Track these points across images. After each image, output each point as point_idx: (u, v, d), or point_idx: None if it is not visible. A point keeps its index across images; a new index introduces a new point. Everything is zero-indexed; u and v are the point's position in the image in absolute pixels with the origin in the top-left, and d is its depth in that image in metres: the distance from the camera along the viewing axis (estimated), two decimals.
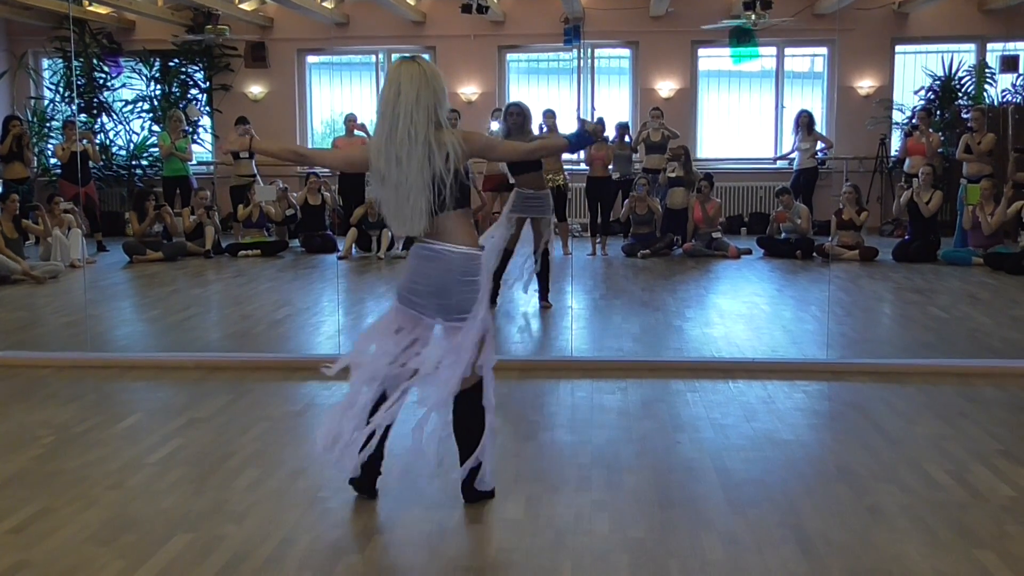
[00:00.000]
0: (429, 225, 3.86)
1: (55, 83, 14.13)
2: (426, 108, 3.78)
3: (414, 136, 3.76)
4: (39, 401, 5.78)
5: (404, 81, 3.79)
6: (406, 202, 3.81)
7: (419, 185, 3.78)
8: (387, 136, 3.81)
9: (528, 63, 14.37)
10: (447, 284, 3.88)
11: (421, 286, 3.92)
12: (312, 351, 7.31)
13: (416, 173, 3.78)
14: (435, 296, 3.90)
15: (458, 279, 3.88)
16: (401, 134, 3.77)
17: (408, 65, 3.83)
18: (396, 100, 3.78)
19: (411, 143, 3.76)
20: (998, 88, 13.59)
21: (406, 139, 3.76)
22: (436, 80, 3.82)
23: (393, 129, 3.78)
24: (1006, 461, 4.63)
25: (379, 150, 3.84)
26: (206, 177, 13.83)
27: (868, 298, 9.36)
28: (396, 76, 3.82)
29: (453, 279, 3.87)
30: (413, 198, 3.80)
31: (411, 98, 3.76)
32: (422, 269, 3.92)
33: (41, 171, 13.32)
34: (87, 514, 4.05)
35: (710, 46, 13.81)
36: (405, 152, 3.77)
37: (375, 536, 3.83)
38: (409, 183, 3.79)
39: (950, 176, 12.46)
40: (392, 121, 3.79)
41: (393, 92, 3.80)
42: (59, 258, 10.97)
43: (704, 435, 5.06)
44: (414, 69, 3.81)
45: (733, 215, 13.63)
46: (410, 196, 3.80)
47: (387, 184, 3.85)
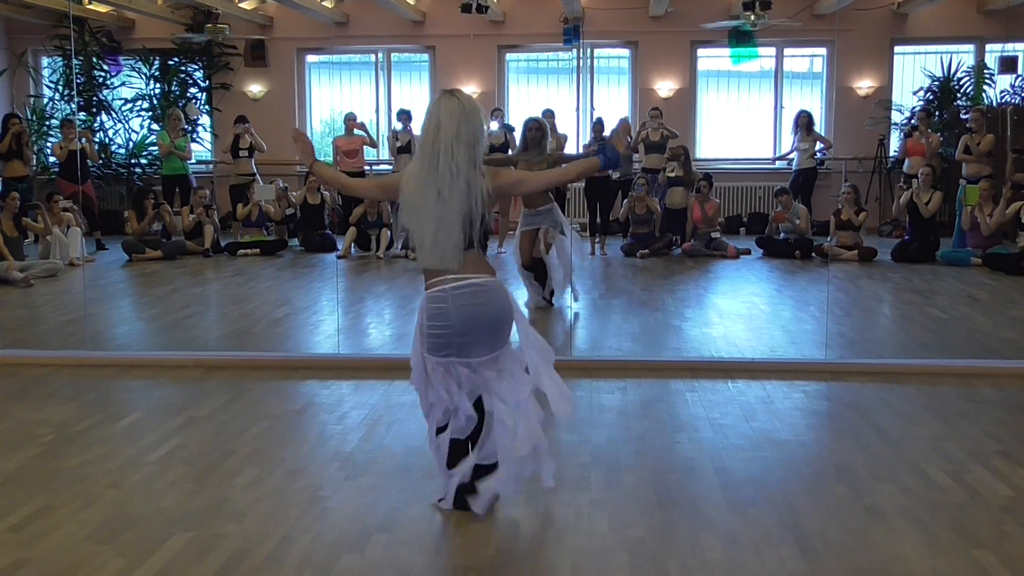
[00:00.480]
0: (463, 259, 3.86)
1: (55, 81, 14.14)
2: (466, 144, 3.78)
3: (455, 172, 3.76)
4: (38, 400, 5.78)
5: (444, 116, 3.78)
6: (447, 236, 3.81)
7: (458, 221, 3.79)
8: (427, 169, 3.80)
9: (528, 63, 14.38)
10: (503, 314, 3.90)
11: (477, 321, 3.85)
12: (311, 350, 7.32)
13: (456, 209, 3.78)
14: (490, 330, 3.87)
15: (508, 304, 3.92)
16: (443, 169, 3.76)
17: (448, 100, 3.82)
18: (436, 135, 3.78)
19: (452, 179, 3.76)
20: (997, 89, 13.62)
21: (447, 174, 3.76)
22: (475, 117, 3.83)
23: (433, 163, 3.78)
24: (1005, 461, 4.64)
25: (418, 181, 3.83)
26: (205, 176, 13.84)
27: (867, 298, 9.36)
28: (436, 111, 3.81)
29: (507, 308, 3.91)
30: (455, 233, 3.80)
31: (451, 133, 3.76)
32: (474, 307, 3.84)
33: (40, 169, 13.31)
34: (87, 512, 4.06)
35: (709, 46, 13.84)
36: (447, 186, 3.77)
37: (374, 535, 3.84)
38: (450, 218, 3.79)
39: (949, 177, 12.48)
40: (432, 156, 3.78)
41: (433, 127, 3.79)
42: (58, 256, 10.97)
43: (703, 435, 5.07)
44: (454, 104, 3.80)
45: (732, 215, 13.65)
46: (451, 231, 3.80)
47: (422, 215, 3.83)
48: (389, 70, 14.06)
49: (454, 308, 3.84)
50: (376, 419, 5.33)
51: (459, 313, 3.84)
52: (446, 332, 3.85)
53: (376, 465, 4.61)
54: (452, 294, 3.85)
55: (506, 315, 3.91)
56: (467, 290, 3.85)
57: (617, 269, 10.99)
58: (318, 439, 5.07)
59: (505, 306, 3.90)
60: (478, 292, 3.86)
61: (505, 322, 3.92)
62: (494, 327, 3.88)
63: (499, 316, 3.89)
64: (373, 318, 8.67)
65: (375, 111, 13.80)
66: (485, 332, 3.87)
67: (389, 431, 5.12)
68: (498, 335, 3.91)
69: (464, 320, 3.84)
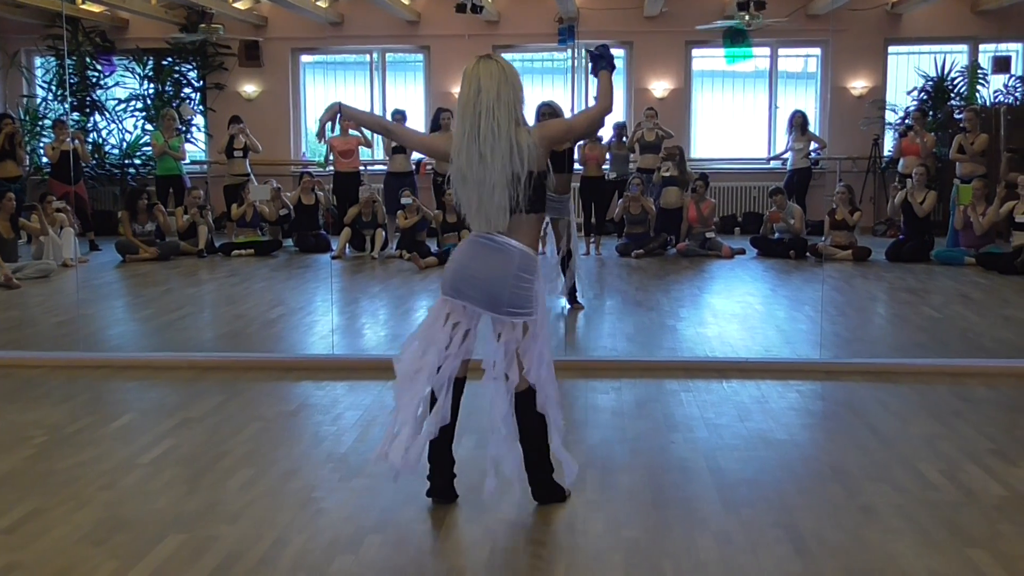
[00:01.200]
0: (509, 219, 3.84)
1: (48, 81, 14.08)
2: (507, 105, 3.78)
3: (497, 132, 3.75)
4: (31, 401, 5.76)
5: (484, 78, 3.78)
6: (490, 199, 3.80)
7: (501, 182, 3.78)
8: (468, 134, 3.79)
9: (522, 63, 14.36)
10: (503, 276, 3.85)
11: (474, 273, 3.88)
12: (306, 351, 7.31)
13: (500, 170, 3.77)
14: (487, 285, 3.86)
15: (515, 273, 3.87)
16: (484, 131, 3.76)
17: (486, 63, 3.82)
18: (476, 98, 3.77)
19: (494, 139, 3.75)
20: (990, 89, 13.64)
21: (489, 135, 3.75)
22: (515, 78, 3.83)
23: (475, 127, 3.77)
24: (998, 460, 4.64)
25: (460, 148, 3.82)
26: (199, 176, 13.81)
27: (861, 298, 9.37)
28: (475, 74, 3.80)
29: (510, 272, 3.86)
30: (498, 195, 3.79)
31: (492, 95, 3.76)
32: (479, 257, 3.88)
33: (33, 170, 13.28)
34: (79, 514, 4.04)
35: (704, 46, 13.84)
36: (489, 148, 3.76)
37: (369, 536, 3.83)
38: (492, 180, 3.78)
39: (943, 176, 12.49)
40: (473, 119, 3.78)
41: (473, 90, 3.79)
42: (51, 257, 10.94)
43: (698, 435, 5.07)
44: (492, 67, 3.80)
45: (727, 215, 13.65)
46: (494, 193, 3.79)
47: (468, 182, 3.83)
48: (384, 70, 14.06)
49: (463, 250, 3.97)
50: (370, 420, 5.32)
51: (463, 257, 3.94)
52: (449, 268, 3.98)
53: (370, 466, 4.58)
54: (471, 240, 3.95)
55: (504, 280, 3.85)
56: (484, 242, 3.90)
57: (612, 269, 10.98)
58: (312, 440, 5.06)
59: (507, 272, 3.85)
60: (492, 249, 3.88)
61: (501, 286, 3.85)
62: (488, 283, 3.87)
63: (495, 276, 3.85)
64: (368, 319, 8.66)
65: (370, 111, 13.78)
66: (476, 285, 3.89)
67: (383, 432, 5.10)
68: (495, 296, 3.86)
69: (463, 264, 3.93)
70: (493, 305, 3.89)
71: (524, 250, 3.90)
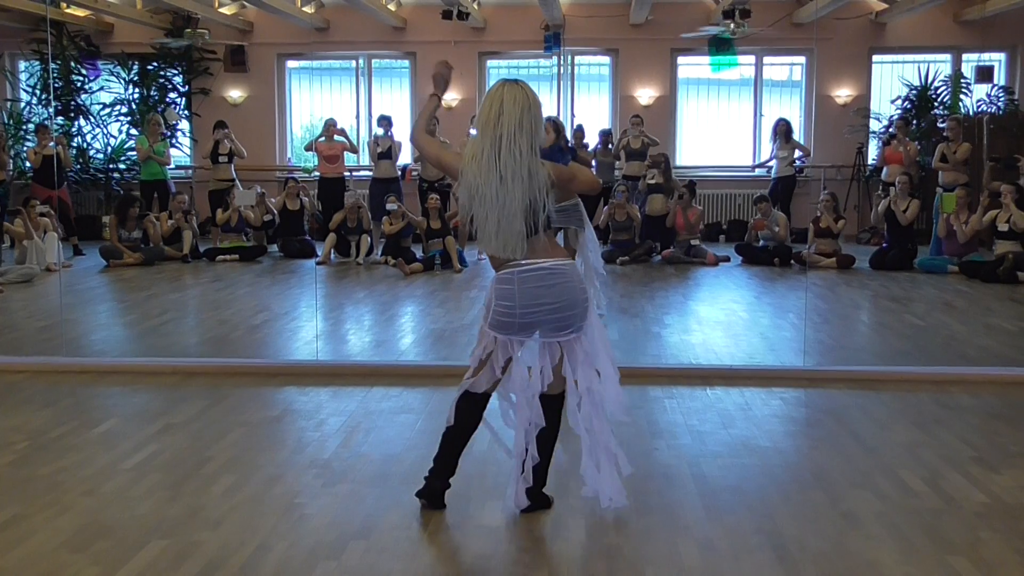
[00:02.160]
0: (524, 246, 3.84)
1: (32, 85, 14.05)
2: (528, 134, 3.77)
3: (518, 159, 3.75)
4: (13, 406, 5.73)
5: (508, 102, 3.77)
6: (509, 225, 3.80)
7: (520, 209, 3.78)
8: (488, 154, 3.78)
9: (508, 70, 14.41)
10: (573, 297, 3.87)
11: (541, 305, 3.85)
12: (290, 357, 7.30)
13: (520, 198, 3.77)
14: (559, 311, 3.86)
15: (580, 289, 3.91)
16: (505, 155, 3.75)
17: (512, 87, 3.81)
18: (499, 120, 3.76)
19: (516, 165, 3.75)
20: (973, 98, 13.74)
21: (510, 161, 3.75)
22: (537, 108, 3.82)
23: (496, 148, 3.76)
24: (980, 468, 4.66)
25: (479, 165, 3.80)
26: (184, 181, 13.79)
27: (845, 306, 9.41)
28: (499, 96, 3.79)
29: (577, 290, 3.89)
30: (517, 222, 3.79)
31: (514, 120, 3.75)
32: (539, 290, 3.85)
33: (17, 174, 13.23)
34: (60, 520, 4.02)
35: (689, 54, 13.91)
36: (510, 173, 3.75)
37: (352, 542, 3.82)
38: (513, 206, 3.77)
39: (926, 185, 12.56)
40: (495, 140, 3.77)
41: (495, 112, 3.77)
42: (35, 262, 10.89)
43: (681, 441, 5.08)
44: (518, 92, 3.79)
45: (712, 222, 13.70)
46: (515, 220, 3.79)
47: (484, 202, 3.81)
48: (370, 76, 14.07)
49: (519, 290, 3.87)
50: (354, 426, 5.31)
51: (524, 295, 3.87)
52: (510, 312, 3.89)
53: (354, 472, 4.59)
54: (519, 276, 3.87)
55: (573, 299, 3.88)
56: (534, 273, 3.86)
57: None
58: (296, 446, 5.05)
59: (573, 290, 3.88)
60: (545, 275, 3.86)
61: (572, 306, 3.88)
62: (558, 310, 3.87)
63: (565, 299, 3.87)
64: (352, 324, 8.65)
65: (356, 117, 13.79)
66: (549, 314, 3.88)
67: (367, 438, 5.10)
68: (565, 318, 3.89)
69: (528, 302, 3.87)
70: (562, 327, 3.90)
71: (572, 263, 3.96)
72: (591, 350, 3.96)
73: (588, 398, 3.98)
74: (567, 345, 3.94)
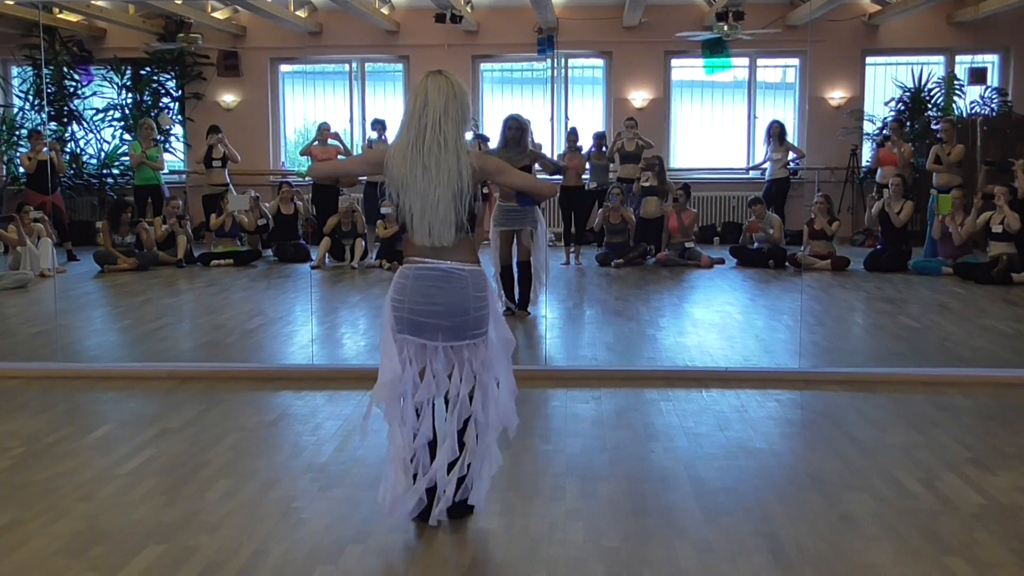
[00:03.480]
0: (457, 233, 3.82)
1: (24, 91, 14.00)
2: (455, 121, 3.77)
3: (443, 146, 3.74)
4: (8, 412, 5.72)
5: (432, 91, 3.77)
6: (435, 212, 3.78)
7: (447, 196, 3.76)
8: (412, 144, 3.77)
9: (502, 72, 14.41)
10: (463, 303, 3.84)
11: (432, 307, 3.82)
12: (285, 361, 7.29)
13: (446, 184, 3.75)
14: (448, 317, 3.83)
15: (473, 295, 3.86)
16: (429, 142, 3.74)
17: (436, 77, 3.81)
18: (423, 110, 3.76)
19: (440, 152, 3.74)
20: (967, 100, 13.76)
21: (435, 147, 3.74)
22: (463, 96, 3.82)
23: (420, 138, 3.75)
24: (976, 469, 4.67)
25: (403, 157, 3.79)
26: (178, 186, 13.75)
27: (840, 307, 9.42)
28: (423, 87, 3.79)
29: (469, 296, 3.85)
30: (443, 209, 3.77)
31: (439, 108, 3.75)
32: (431, 291, 3.82)
33: (10, 180, 13.19)
34: (57, 526, 4.01)
35: (683, 56, 13.91)
36: (434, 160, 3.74)
37: (348, 547, 3.82)
38: (438, 193, 3.76)
39: (920, 187, 12.58)
40: (419, 130, 3.76)
41: (420, 103, 3.77)
42: (29, 267, 10.86)
43: (678, 444, 5.08)
44: (442, 82, 3.79)
45: (706, 225, 13.69)
46: (439, 207, 3.77)
47: (409, 192, 3.79)
48: (363, 80, 14.05)
49: (412, 286, 3.85)
50: (350, 430, 5.31)
51: (415, 292, 3.84)
52: (399, 306, 3.86)
53: (350, 476, 4.59)
54: (414, 272, 3.86)
55: (464, 306, 3.84)
56: (430, 272, 3.84)
57: (591, 279, 11.00)
58: (292, 450, 5.05)
59: (466, 297, 3.84)
60: (439, 277, 3.83)
61: (462, 312, 3.84)
62: (447, 315, 3.83)
63: (455, 305, 3.83)
64: (347, 328, 8.64)
65: (349, 121, 13.78)
66: (438, 317, 3.83)
67: (363, 442, 5.09)
68: (456, 324, 3.84)
69: (418, 300, 3.83)
70: (457, 335, 3.87)
71: (473, 269, 3.89)
72: (487, 359, 3.93)
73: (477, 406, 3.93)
74: (460, 352, 3.90)
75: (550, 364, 6.93)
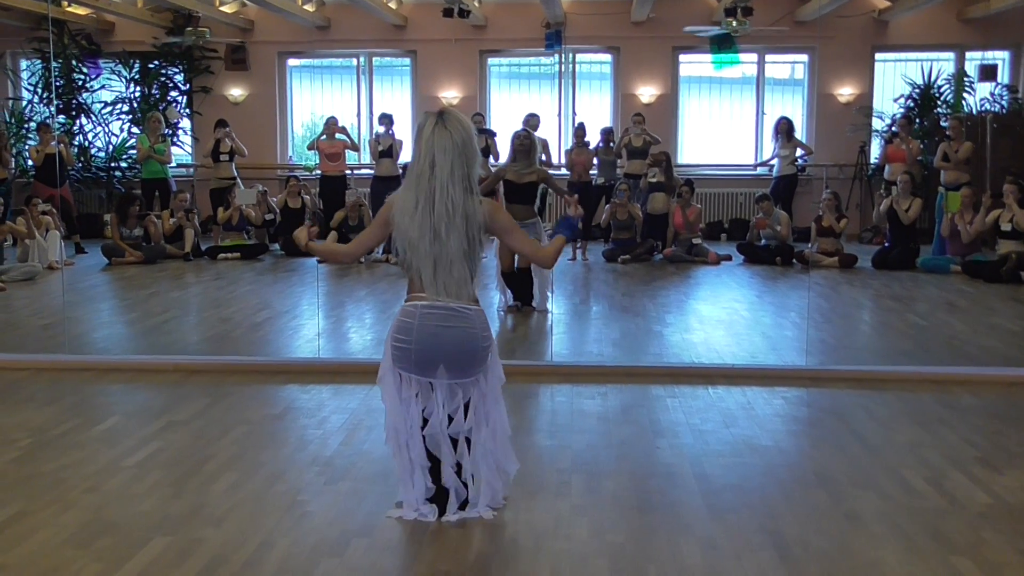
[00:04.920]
0: (472, 288, 3.88)
1: (33, 84, 14.04)
2: (462, 180, 3.77)
3: (451, 211, 3.74)
4: (16, 404, 5.73)
5: (438, 153, 3.75)
6: (448, 273, 3.80)
7: (459, 257, 3.79)
8: (422, 207, 3.77)
9: (509, 67, 14.40)
10: (473, 345, 3.87)
11: (440, 346, 3.84)
12: (291, 354, 7.30)
13: (456, 247, 3.78)
14: (457, 356, 3.86)
15: (482, 336, 3.90)
16: (439, 209, 3.74)
17: (440, 133, 3.76)
18: (431, 174, 3.75)
19: (450, 217, 3.75)
20: (977, 97, 13.71)
21: (445, 214, 3.75)
22: (468, 147, 3.79)
23: (429, 202, 3.75)
24: (983, 468, 4.66)
25: (411, 219, 3.79)
26: (186, 180, 13.78)
27: (847, 305, 9.40)
28: (430, 145, 3.76)
29: (479, 338, 3.89)
30: (456, 270, 3.80)
31: (446, 172, 3.74)
32: (438, 331, 3.83)
33: (19, 173, 13.23)
34: (64, 517, 4.02)
35: (691, 52, 13.89)
36: (444, 226, 3.75)
37: (354, 540, 3.82)
38: (450, 256, 3.78)
39: (929, 184, 12.54)
40: (428, 194, 3.76)
41: (427, 164, 3.76)
42: (37, 260, 10.90)
43: (683, 440, 5.07)
44: (446, 140, 3.75)
45: (713, 221, 13.68)
46: (453, 268, 3.80)
47: (419, 254, 3.81)
48: (371, 74, 14.06)
49: (418, 325, 3.85)
50: (356, 423, 5.31)
51: (422, 331, 3.84)
52: (406, 345, 3.87)
53: (356, 470, 4.59)
54: (421, 311, 3.86)
55: (473, 346, 3.88)
56: (437, 312, 3.85)
57: (598, 275, 10.99)
58: (297, 444, 5.05)
59: (474, 337, 3.87)
60: (448, 315, 3.85)
61: (472, 352, 3.88)
62: (456, 355, 3.86)
63: (463, 345, 3.86)
64: (353, 322, 8.65)
65: (357, 115, 13.79)
66: (446, 358, 3.86)
67: (369, 435, 5.10)
68: (464, 364, 3.89)
69: (425, 340, 3.84)
70: (460, 371, 3.91)
71: (478, 310, 3.93)
72: (488, 392, 3.99)
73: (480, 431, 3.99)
74: (465, 387, 3.95)
75: (556, 360, 6.92)
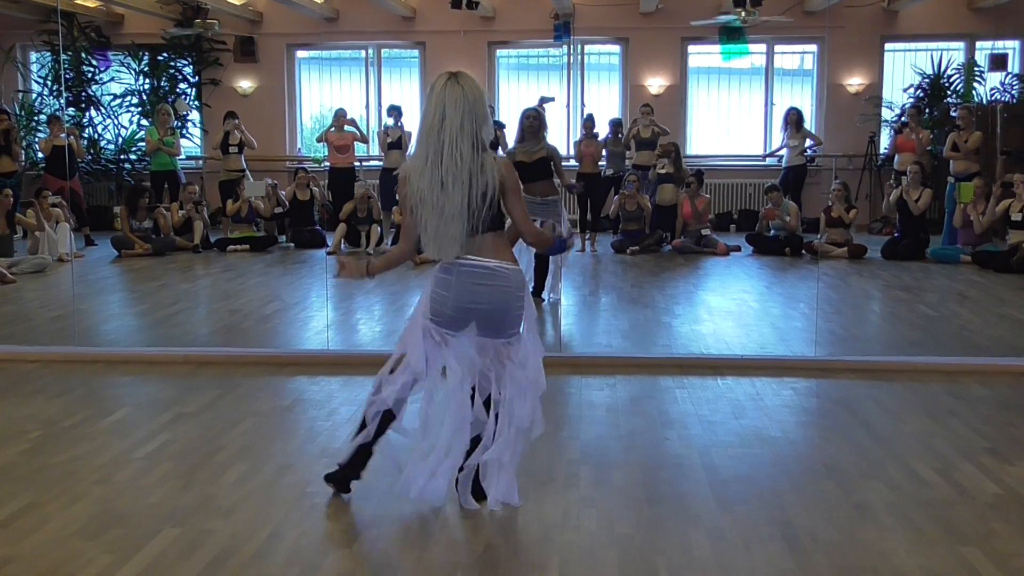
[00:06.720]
0: (462, 249, 3.85)
1: (43, 77, 14.05)
2: (471, 135, 3.78)
3: (459, 164, 3.76)
4: (27, 396, 5.76)
5: (448, 106, 3.77)
6: (446, 229, 3.81)
7: (458, 212, 3.79)
8: (431, 160, 3.79)
9: (518, 59, 14.36)
10: (506, 301, 3.88)
11: (475, 304, 3.86)
12: (300, 346, 7.31)
13: (459, 201, 3.78)
14: (491, 314, 3.88)
15: (516, 295, 3.90)
16: (447, 160, 3.76)
17: (452, 87, 3.80)
18: (441, 126, 3.77)
19: (457, 169, 3.76)
20: (987, 86, 13.64)
21: (452, 166, 3.76)
22: (479, 104, 3.82)
23: (438, 154, 3.77)
24: (993, 459, 4.65)
25: (421, 173, 3.81)
26: (195, 172, 13.79)
27: (857, 295, 9.38)
28: (441, 100, 3.79)
29: (512, 295, 3.89)
30: (453, 226, 3.80)
31: (455, 125, 3.76)
32: (476, 288, 3.85)
33: (29, 165, 13.26)
34: (74, 509, 4.04)
35: (700, 43, 13.83)
36: (451, 178, 3.76)
37: (363, 531, 3.83)
38: (451, 209, 3.79)
39: (938, 174, 12.49)
40: (437, 147, 3.77)
41: (438, 118, 3.78)
42: (47, 252, 10.93)
43: (692, 431, 5.07)
44: (457, 93, 3.78)
45: (722, 212, 13.65)
46: (451, 223, 3.80)
47: (427, 206, 3.82)
48: (379, 66, 14.04)
49: (457, 282, 3.88)
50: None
51: (460, 288, 3.87)
52: (443, 301, 3.89)
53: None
54: (458, 269, 3.88)
55: (508, 304, 3.89)
56: (476, 270, 3.87)
57: (607, 266, 10.98)
58: (307, 435, 5.06)
59: (509, 296, 3.88)
60: (486, 274, 3.87)
61: (506, 311, 3.89)
62: (491, 312, 3.88)
63: (499, 303, 3.88)
64: (362, 314, 8.66)
65: (365, 107, 13.77)
66: (482, 315, 3.88)
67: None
68: (499, 323, 3.90)
69: (463, 296, 3.86)
70: (494, 331, 3.92)
71: (516, 269, 3.94)
72: (520, 359, 3.96)
73: (505, 406, 3.96)
74: (498, 349, 3.95)
75: (565, 351, 6.93)
